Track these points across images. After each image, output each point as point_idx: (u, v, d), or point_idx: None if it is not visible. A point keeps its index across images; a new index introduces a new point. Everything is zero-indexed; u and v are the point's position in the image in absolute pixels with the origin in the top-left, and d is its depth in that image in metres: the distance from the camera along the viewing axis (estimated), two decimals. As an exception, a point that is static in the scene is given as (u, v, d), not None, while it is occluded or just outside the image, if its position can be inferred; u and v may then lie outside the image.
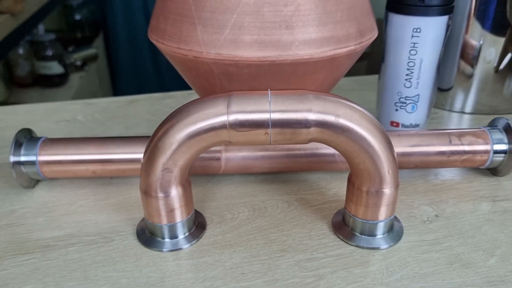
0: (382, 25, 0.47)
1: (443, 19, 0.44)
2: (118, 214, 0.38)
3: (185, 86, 0.49)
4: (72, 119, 0.56)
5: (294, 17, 0.33)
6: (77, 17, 1.87)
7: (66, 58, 1.52)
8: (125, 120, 0.55)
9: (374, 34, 0.38)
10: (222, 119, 0.30)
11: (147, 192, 0.33)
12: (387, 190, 0.33)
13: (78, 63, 1.60)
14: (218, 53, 0.33)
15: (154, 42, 0.38)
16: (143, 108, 0.58)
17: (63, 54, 1.50)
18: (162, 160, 0.31)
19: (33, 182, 0.42)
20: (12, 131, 0.53)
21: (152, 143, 0.32)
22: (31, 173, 0.40)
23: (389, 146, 0.32)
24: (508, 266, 0.32)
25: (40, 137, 0.41)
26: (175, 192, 0.33)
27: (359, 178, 0.33)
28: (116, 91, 2.21)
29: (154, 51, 2.30)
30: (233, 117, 0.30)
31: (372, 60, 1.54)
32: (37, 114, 0.57)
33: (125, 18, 2.20)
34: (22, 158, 0.39)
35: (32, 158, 0.39)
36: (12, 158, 0.39)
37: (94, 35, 1.96)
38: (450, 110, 0.59)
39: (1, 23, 1.06)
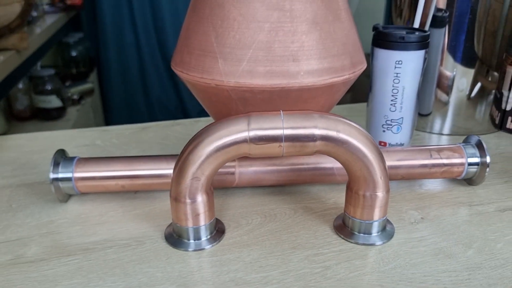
0: (369, 58, 0.55)
1: (421, 53, 0.52)
2: (146, 222, 0.44)
3: (174, 118, 0.55)
4: (92, 144, 0.61)
5: (299, 52, 0.40)
6: (73, 53, 1.94)
7: (64, 92, 1.58)
8: (140, 144, 0.61)
9: (364, 65, 0.45)
10: (244, 135, 0.37)
11: (177, 199, 0.39)
12: (380, 194, 0.39)
13: (75, 97, 1.66)
14: (236, 82, 0.40)
15: (179, 73, 0.44)
16: (155, 134, 0.64)
17: (61, 89, 1.55)
18: (192, 170, 0.37)
19: (67, 197, 0.47)
20: (36, 155, 0.58)
21: (183, 156, 0.38)
22: (67, 188, 0.45)
23: (380, 156, 0.38)
24: (483, 256, 0.38)
25: (75, 157, 0.46)
26: (200, 199, 0.39)
27: (356, 184, 0.39)
28: (108, 123, 2.26)
29: (146, 85, 2.37)
30: (253, 133, 0.37)
31: (356, 92, 1.64)
32: (57, 140, 0.63)
33: (118, 53, 2.28)
34: (60, 175, 0.45)
35: (69, 175, 0.45)
36: (52, 175, 0.44)
37: (89, 70, 2.03)
38: (430, 132, 0.66)
39: (7, 60, 1.12)
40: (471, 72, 0.63)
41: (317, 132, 0.37)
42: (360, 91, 0.59)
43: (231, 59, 0.40)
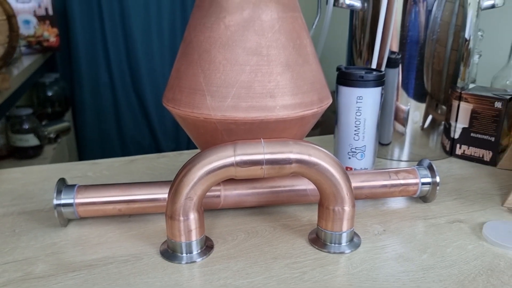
0: (334, 95, 0.63)
1: (378, 89, 0.60)
2: (141, 241, 0.49)
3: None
4: (83, 176, 0.66)
5: (275, 90, 0.47)
6: (49, 93, 1.97)
7: (41, 131, 1.60)
8: (130, 175, 0.66)
9: (330, 100, 0.53)
10: (231, 159, 0.43)
11: (172, 217, 0.44)
12: (347, 208, 0.46)
13: (52, 135, 1.69)
14: (223, 115, 0.47)
15: (170, 109, 0.50)
16: (143, 165, 0.70)
17: (38, 127, 1.58)
18: (186, 190, 0.43)
19: (67, 221, 0.52)
20: (32, 186, 0.62)
21: (178, 179, 0.44)
22: (68, 213, 0.50)
23: (346, 176, 0.45)
24: (435, 259, 0.45)
25: (75, 184, 0.51)
26: (193, 216, 0.44)
27: (327, 200, 0.46)
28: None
29: (120, 123, 2.42)
30: (238, 158, 0.43)
31: (324, 128, 1.74)
32: (50, 172, 0.67)
33: (93, 93, 2.33)
34: (62, 201, 0.49)
35: (70, 201, 0.50)
36: (55, 201, 0.49)
37: (64, 110, 2.06)
38: (391, 159, 0.74)
39: (-12, 100, 1.16)
40: (423, 106, 0.72)
41: (293, 156, 0.44)
42: (328, 127, 0.67)
43: (218, 96, 0.47)
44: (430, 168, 0.56)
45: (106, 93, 2.37)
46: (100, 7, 2.18)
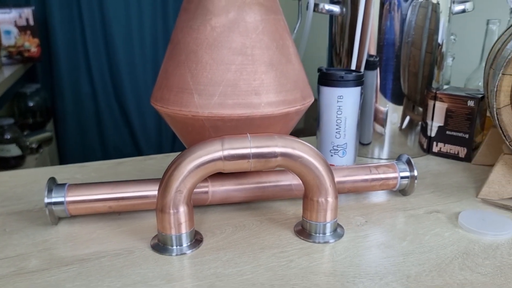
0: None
1: (357, 89, 0.63)
2: (132, 236, 0.50)
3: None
4: (72, 178, 0.67)
5: (260, 88, 0.49)
6: (30, 103, 1.96)
7: (23, 141, 1.59)
8: (118, 177, 0.67)
9: (312, 98, 0.56)
10: (219, 154, 0.45)
11: (162, 210, 0.46)
12: (330, 199, 0.48)
13: (34, 145, 1.68)
14: (210, 112, 0.49)
15: (159, 108, 0.52)
16: (131, 167, 0.71)
17: (20, 137, 1.57)
18: (176, 184, 0.45)
19: (57, 220, 0.52)
20: (20, 188, 0.63)
21: (168, 173, 0.45)
22: (59, 211, 0.51)
23: (329, 168, 0.48)
24: (414, 246, 0.48)
25: (65, 183, 0.52)
26: (182, 209, 0.46)
27: (311, 192, 0.48)
28: (65, 173, 2.25)
29: (102, 133, 2.41)
30: (226, 152, 0.45)
31: (306, 135, 1.78)
32: (38, 175, 0.68)
33: (74, 103, 2.32)
34: (53, 200, 0.50)
35: (61, 199, 0.51)
36: (46, 200, 0.50)
37: (46, 120, 2.05)
38: (371, 158, 0.77)
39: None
40: (400, 108, 0.75)
41: (278, 149, 0.46)
42: (310, 135, 0.69)
43: (205, 94, 0.49)
44: (409, 162, 0.59)
45: (88, 102, 2.36)
46: (81, 17, 2.18)
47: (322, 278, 0.42)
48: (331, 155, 0.65)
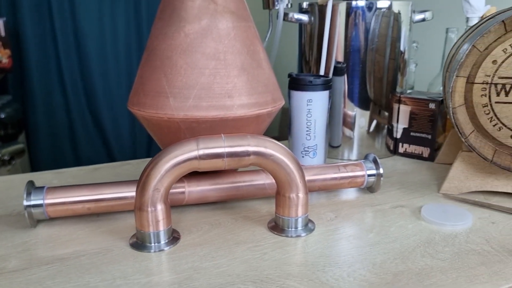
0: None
1: (326, 93, 0.66)
2: (111, 236, 0.51)
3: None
4: (49, 184, 0.67)
5: (233, 91, 0.52)
6: (1, 115, 1.93)
7: (-5, 153, 1.57)
8: (95, 181, 0.69)
9: (282, 101, 0.58)
10: (194, 153, 0.47)
11: (141, 208, 0.47)
12: (301, 195, 0.51)
13: (6, 157, 1.65)
14: (185, 115, 0.51)
15: (135, 111, 0.54)
16: (108, 173, 0.72)
17: (-9, 149, 1.55)
18: (153, 183, 0.47)
19: (36, 222, 0.53)
20: (-4, 195, 0.63)
21: (146, 172, 0.47)
22: (37, 214, 0.52)
23: (299, 165, 0.51)
24: (380, 237, 0.51)
25: (44, 186, 0.53)
26: (160, 207, 0.48)
27: (283, 188, 0.51)
28: (38, 186, 2.22)
29: (75, 144, 2.38)
30: (201, 151, 0.47)
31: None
32: (14, 182, 0.68)
33: (47, 115, 2.30)
34: (32, 202, 0.51)
35: (40, 202, 0.52)
36: (25, 203, 0.51)
37: (18, 132, 2.02)
38: (342, 159, 0.80)
39: None
40: (367, 112, 0.79)
41: (251, 148, 0.49)
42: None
43: (180, 97, 0.51)
44: (375, 161, 0.63)
45: (60, 114, 2.34)
46: (53, 28, 2.17)
47: (294, 268, 0.45)
48: (302, 156, 0.68)
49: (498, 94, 0.55)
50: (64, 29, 2.20)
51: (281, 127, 2.37)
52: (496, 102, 0.55)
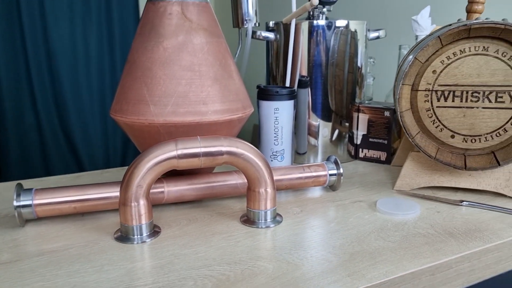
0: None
1: (291, 102, 0.73)
2: (96, 232, 0.56)
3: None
4: (32, 190, 0.71)
5: (207, 98, 0.58)
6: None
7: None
8: (76, 187, 0.73)
9: (252, 109, 0.65)
10: (173, 153, 0.53)
11: (125, 203, 0.52)
12: (269, 189, 0.57)
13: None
14: (164, 120, 0.57)
15: (118, 118, 0.59)
16: (89, 180, 0.77)
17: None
18: (136, 180, 0.52)
19: (24, 222, 0.57)
20: (-18, 201, 0.67)
21: (130, 170, 0.52)
22: (26, 214, 0.56)
23: (267, 164, 0.57)
24: (340, 226, 0.57)
25: (32, 188, 0.58)
26: (142, 202, 0.53)
27: (253, 184, 0.57)
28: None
29: (47, 166, 2.38)
30: (180, 151, 0.53)
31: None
32: (0, 189, 0.72)
33: (18, 135, 2.29)
34: (22, 203, 0.56)
35: (29, 202, 0.56)
36: (15, 203, 0.55)
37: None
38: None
39: None
40: (329, 124, 0.86)
41: (223, 148, 0.55)
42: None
43: (160, 104, 0.57)
44: (336, 162, 0.70)
45: (32, 134, 2.34)
46: (25, 48, 2.19)
47: (264, 252, 0.50)
48: (271, 160, 0.75)
49: (438, 100, 0.63)
50: (36, 50, 2.22)
51: (253, 140, 2.43)
52: (437, 107, 0.63)
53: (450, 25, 0.62)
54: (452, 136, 0.64)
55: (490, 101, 0.62)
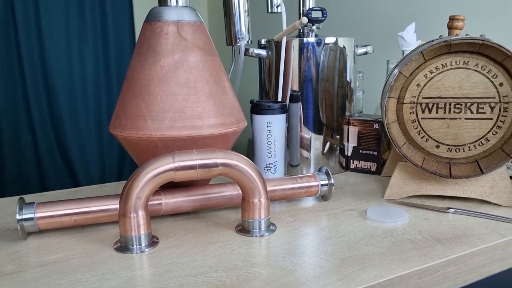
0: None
1: (283, 116, 0.76)
2: (96, 243, 0.58)
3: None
4: (33, 205, 0.73)
5: (203, 113, 0.61)
6: (-32, 154, 1.94)
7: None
8: (76, 201, 0.75)
9: (245, 123, 0.68)
10: (171, 165, 0.55)
11: (124, 214, 0.55)
12: (263, 200, 0.59)
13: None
14: (162, 134, 0.59)
15: (117, 133, 0.62)
16: (88, 194, 0.79)
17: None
18: (136, 191, 0.54)
19: (26, 235, 0.59)
20: (-16, 216, 0.69)
21: (129, 183, 0.55)
22: (29, 226, 0.58)
23: (261, 175, 0.59)
24: (332, 233, 0.60)
25: (34, 202, 0.60)
26: (141, 213, 0.55)
27: (247, 194, 0.59)
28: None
29: (44, 183, 2.38)
30: (177, 164, 0.55)
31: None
32: (1, 205, 0.74)
33: (14, 154, 2.30)
34: (24, 216, 0.58)
35: (31, 215, 0.58)
36: (18, 217, 0.57)
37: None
38: (300, 176, 0.90)
39: None
40: (321, 137, 0.89)
41: (219, 160, 0.57)
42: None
43: (157, 119, 0.59)
44: (327, 173, 0.72)
45: (28, 152, 2.35)
46: (22, 65, 2.21)
47: (259, 259, 0.53)
48: (265, 172, 0.77)
49: (423, 111, 0.66)
50: (32, 66, 2.24)
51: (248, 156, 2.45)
52: (422, 118, 0.66)
53: (432, 41, 0.66)
54: (437, 146, 0.67)
55: (472, 112, 0.65)
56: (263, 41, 0.90)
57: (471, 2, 1.11)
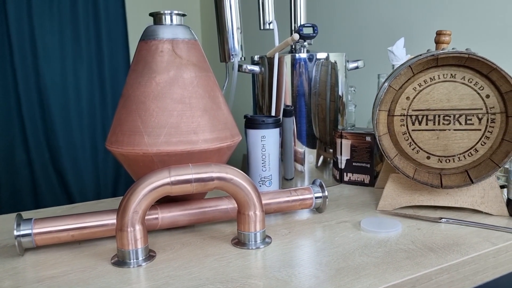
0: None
1: (277, 130, 0.78)
2: (94, 258, 0.58)
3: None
4: (29, 222, 0.73)
5: (197, 128, 0.62)
6: (-38, 173, 1.93)
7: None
8: (72, 218, 0.75)
9: (239, 137, 0.69)
10: (167, 180, 0.56)
11: (121, 229, 0.55)
12: (258, 212, 0.60)
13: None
14: (158, 149, 0.60)
15: (113, 149, 0.63)
16: (84, 210, 0.79)
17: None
18: (133, 206, 0.55)
19: (23, 251, 0.60)
20: (-20, 234, 0.69)
21: (126, 197, 0.55)
22: (26, 242, 0.58)
23: (255, 188, 0.60)
24: (326, 244, 0.61)
25: (31, 218, 0.60)
26: (138, 227, 0.56)
27: (242, 207, 0.60)
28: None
29: (38, 201, 2.37)
30: (173, 178, 0.56)
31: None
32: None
33: (8, 172, 2.29)
34: (22, 232, 0.58)
35: (29, 231, 0.58)
36: (16, 233, 0.58)
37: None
38: (295, 189, 0.91)
39: None
40: (314, 151, 0.91)
41: (214, 174, 0.58)
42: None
43: (153, 135, 0.61)
44: (321, 186, 0.73)
45: (23, 170, 2.34)
46: (16, 82, 2.22)
47: (255, 270, 0.53)
48: (260, 185, 0.78)
49: (413, 124, 0.68)
50: (26, 83, 2.25)
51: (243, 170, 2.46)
52: (412, 130, 0.68)
53: (420, 55, 0.68)
54: (428, 157, 0.69)
55: (460, 124, 0.67)
56: (256, 58, 0.92)
57: (458, 17, 1.15)
